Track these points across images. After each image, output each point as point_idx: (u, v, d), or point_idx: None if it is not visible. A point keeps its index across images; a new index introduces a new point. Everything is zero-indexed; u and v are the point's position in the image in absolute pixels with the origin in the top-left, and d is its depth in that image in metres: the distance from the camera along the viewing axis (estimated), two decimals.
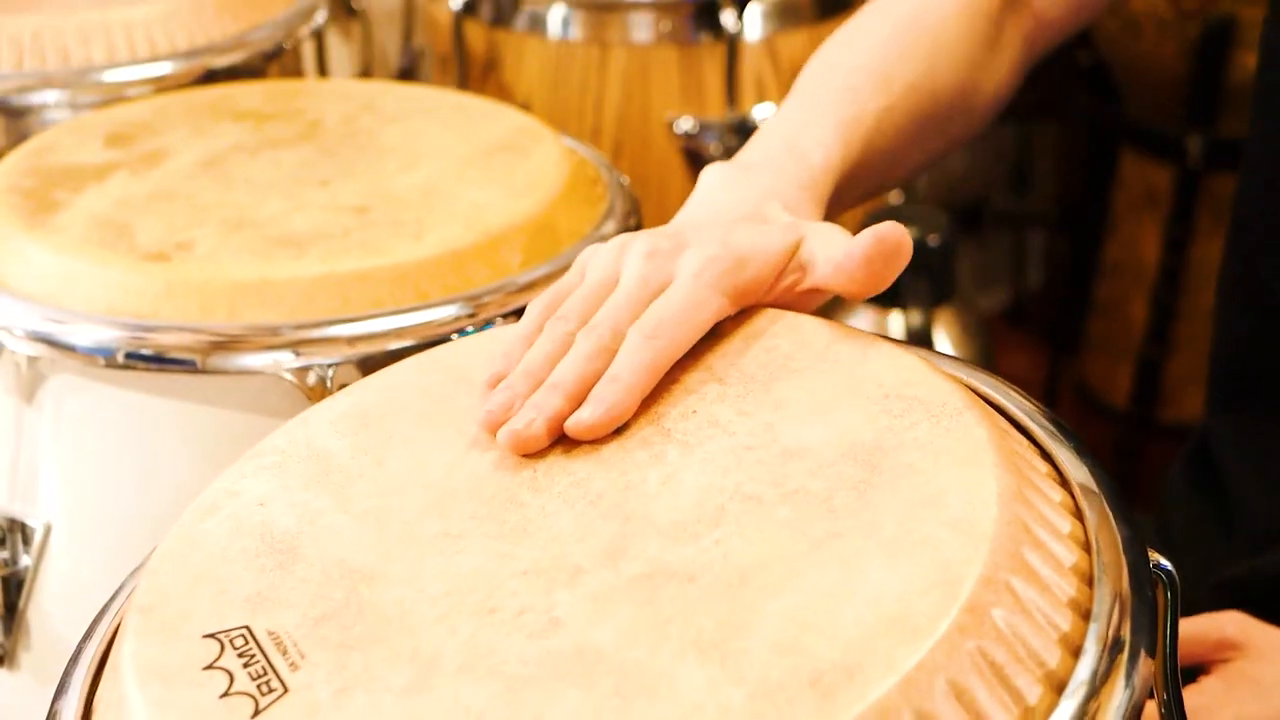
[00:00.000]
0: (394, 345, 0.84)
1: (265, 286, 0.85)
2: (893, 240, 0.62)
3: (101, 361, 0.85)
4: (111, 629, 0.58)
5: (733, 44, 1.38)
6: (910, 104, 0.84)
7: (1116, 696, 0.47)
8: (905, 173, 0.90)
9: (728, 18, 1.37)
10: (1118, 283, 1.96)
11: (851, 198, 0.82)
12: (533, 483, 0.58)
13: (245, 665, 0.51)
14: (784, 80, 1.42)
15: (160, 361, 0.85)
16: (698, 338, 0.63)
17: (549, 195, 0.94)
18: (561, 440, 0.60)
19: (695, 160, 1.40)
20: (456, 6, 1.44)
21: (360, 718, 0.48)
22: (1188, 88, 1.79)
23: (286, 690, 0.50)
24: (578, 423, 0.59)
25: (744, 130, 1.40)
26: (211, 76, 1.24)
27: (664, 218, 1.42)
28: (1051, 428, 0.60)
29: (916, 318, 1.75)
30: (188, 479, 0.88)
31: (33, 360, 0.88)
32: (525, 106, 1.34)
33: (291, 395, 0.84)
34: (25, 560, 0.91)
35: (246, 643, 0.52)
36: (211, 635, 0.53)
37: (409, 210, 0.92)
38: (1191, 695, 0.73)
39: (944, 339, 1.76)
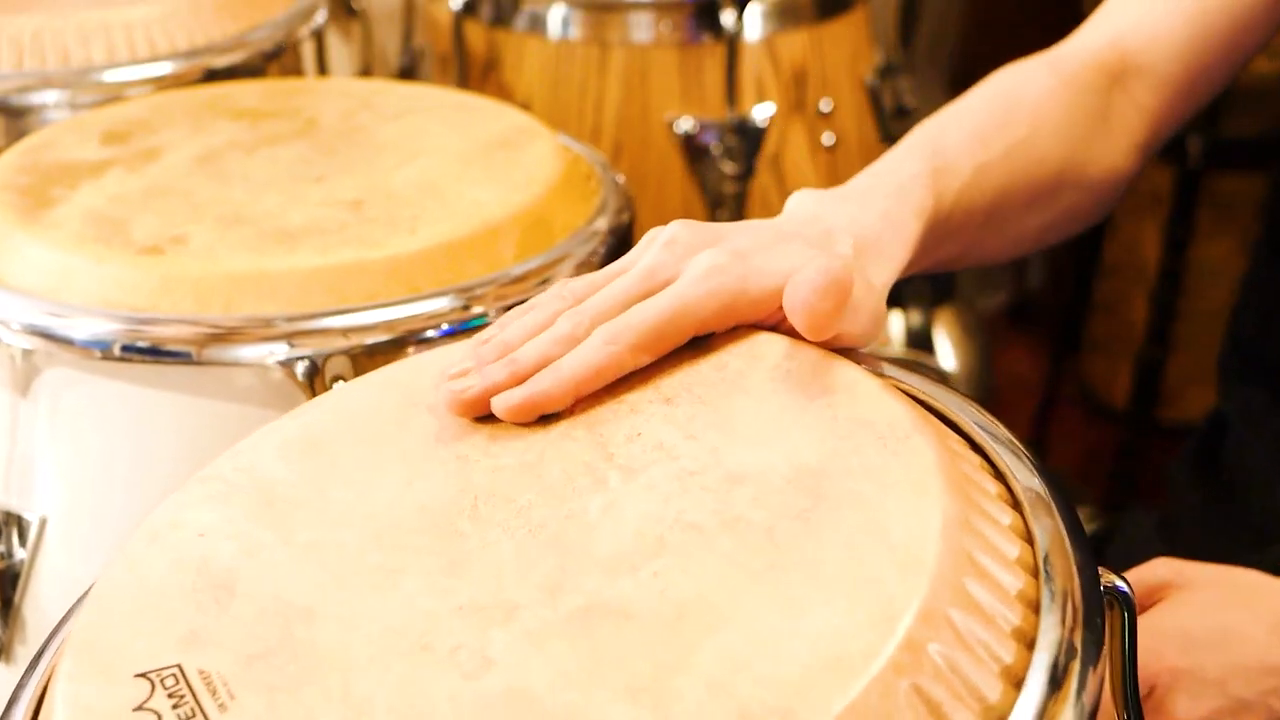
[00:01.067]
0: (387, 337, 0.84)
1: (260, 279, 0.86)
2: (831, 275, 0.61)
3: (98, 354, 0.85)
4: (53, 663, 0.57)
5: (733, 44, 1.38)
6: (1011, 167, 0.83)
7: None
8: (1015, 239, 0.88)
9: (728, 18, 1.37)
10: (1118, 283, 1.96)
11: (949, 253, 0.81)
12: (474, 512, 0.57)
13: (175, 706, 0.50)
14: (784, 80, 1.43)
15: (156, 354, 0.85)
16: (664, 351, 0.63)
17: (542, 189, 0.94)
18: (506, 461, 0.60)
19: (695, 159, 1.41)
20: (456, 6, 1.44)
21: None
22: None
23: None
24: (503, 401, 0.60)
25: (744, 130, 1.40)
26: (211, 76, 1.24)
27: (663, 217, 1.42)
28: (1006, 444, 0.59)
29: (916, 318, 1.75)
30: (183, 471, 0.87)
31: (28, 353, 0.89)
32: (525, 106, 1.34)
33: (286, 387, 0.84)
34: (21, 554, 0.92)
35: (177, 682, 0.51)
36: (143, 675, 0.52)
37: (404, 206, 0.92)
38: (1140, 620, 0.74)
39: (944, 339, 1.76)
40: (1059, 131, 0.87)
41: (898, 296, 1.73)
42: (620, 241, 0.95)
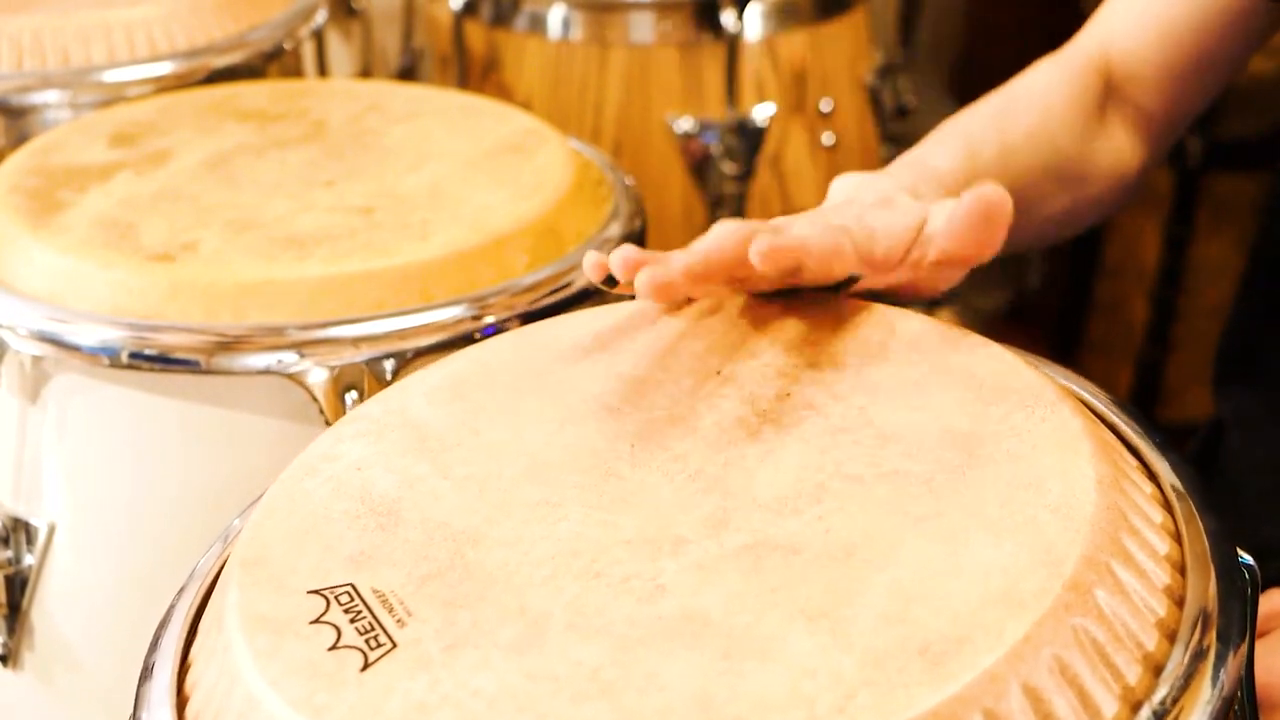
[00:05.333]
0: (399, 346, 0.83)
1: (270, 287, 0.85)
2: (991, 198, 0.65)
3: (105, 361, 0.85)
4: (205, 586, 0.58)
5: (733, 44, 1.38)
6: (1032, 149, 0.89)
7: (1210, 684, 0.49)
8: (1040, 224, 0.92)
9: (728, 18, 1.37)
10: (1118, 283, 1.96)
11: None
12: (631, 457, 0.59)
13: (352, 621, 0.51)
14: (784, 80, 1.42)
15: (164, 362, 0.84)
16: (812, 273, 0.65)
17: (554, 197, 0.94)
18: (658, 414, 0.61)
19: (695, 159, 1.41)
20: (456, 6, 1.44)
21: (471, 672, 0.49)
22: None
23: (395, 645, 0.50)
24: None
25: (744, 130, 1.40)
26: (211, 77, 1.24)
27: (664, 218, 1.41)
28: (1137, 425, 0.62)
29: None
30: (191, 479, 0.88)
31: (37, 360, 0.88)
32: (525, 106, 1.34)
33: (296, 396, 0.84)
34: (29, 560, 0.91)
35: (352, 599, 0.53)
36: (316, 591, 0.53)
37: (415, 211, 0.92)
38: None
39: None
40: (1066, 121, 0.91)
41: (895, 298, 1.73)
42: None
